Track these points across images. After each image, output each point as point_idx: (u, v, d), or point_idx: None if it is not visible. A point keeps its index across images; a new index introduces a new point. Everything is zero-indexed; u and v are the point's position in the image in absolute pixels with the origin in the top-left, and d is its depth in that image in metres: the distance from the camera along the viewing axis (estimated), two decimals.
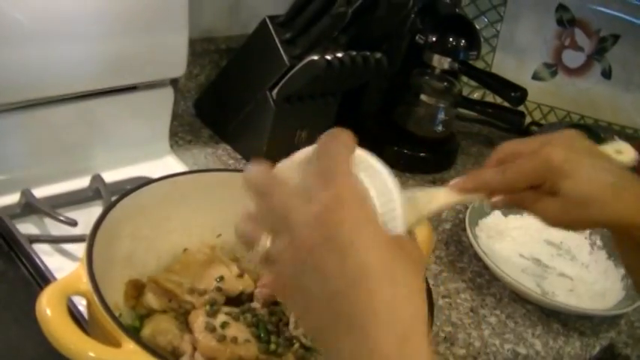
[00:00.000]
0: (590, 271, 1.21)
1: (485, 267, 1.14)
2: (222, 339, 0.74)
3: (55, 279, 0.86)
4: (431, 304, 0.76)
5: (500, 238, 1.22)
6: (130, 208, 0.79)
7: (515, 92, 1.32)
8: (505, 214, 1.26)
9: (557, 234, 1.27)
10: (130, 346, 0.60)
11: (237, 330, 0.77)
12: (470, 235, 1.15)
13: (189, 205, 0.87)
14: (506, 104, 1.43)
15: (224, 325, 0.77)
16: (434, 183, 1.36)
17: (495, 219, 1.25)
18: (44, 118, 1.02)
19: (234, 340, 0.75)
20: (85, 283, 0.65)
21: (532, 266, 1.18)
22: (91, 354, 0.58)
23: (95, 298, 0.63)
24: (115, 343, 0.61)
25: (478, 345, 1.00)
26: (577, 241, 1.26)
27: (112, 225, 0.75)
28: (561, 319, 1.09)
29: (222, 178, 0.88)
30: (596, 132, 1.47)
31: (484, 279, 1.14)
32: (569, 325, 1.08)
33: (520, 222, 1.27)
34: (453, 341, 1.00)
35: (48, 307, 0.60)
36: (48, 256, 0.91)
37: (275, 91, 1.17)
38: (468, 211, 1.20)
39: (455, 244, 1.21)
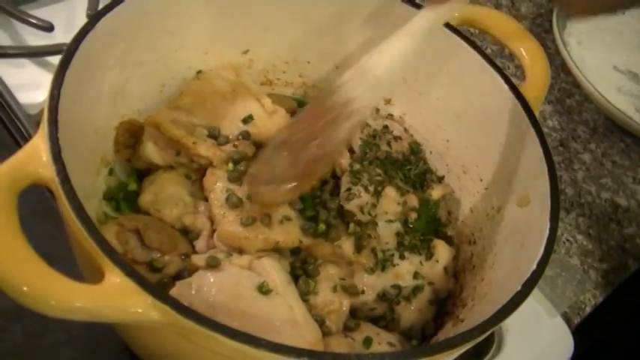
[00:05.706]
0: None
1: (575, 84, 0.90)
2: (250, 222, 0.52)
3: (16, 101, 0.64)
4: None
5: (591, 43, 0.96)
6: (119, 23, 0.54)
7: None
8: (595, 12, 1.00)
9: None
10: (115, 279, 0.38)
11: None
12: (559, 43, 0.90)
13: (206, 10, 0.62)
14: None
15: None
16: None
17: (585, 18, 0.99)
18: None
19: (267, 220, 0.53)
20: (46, 164, 0.42)
21: (629, 83, 0.93)
22: (25, 288, 0.36)
23: (63, 194, 0.41)
24: (96, 269, 0.39)
25: (571, 193, 0.79)
26: None
27: (92, 50, 0.51)
28: None
29: None
30: None
31: (574, 100, 0.91)
32: None
33: (614, 22, 1.01)
34: None
35: None
36: (17, 69, 0.68)
37: None
38: (555, 8, 0.94)
39: None
